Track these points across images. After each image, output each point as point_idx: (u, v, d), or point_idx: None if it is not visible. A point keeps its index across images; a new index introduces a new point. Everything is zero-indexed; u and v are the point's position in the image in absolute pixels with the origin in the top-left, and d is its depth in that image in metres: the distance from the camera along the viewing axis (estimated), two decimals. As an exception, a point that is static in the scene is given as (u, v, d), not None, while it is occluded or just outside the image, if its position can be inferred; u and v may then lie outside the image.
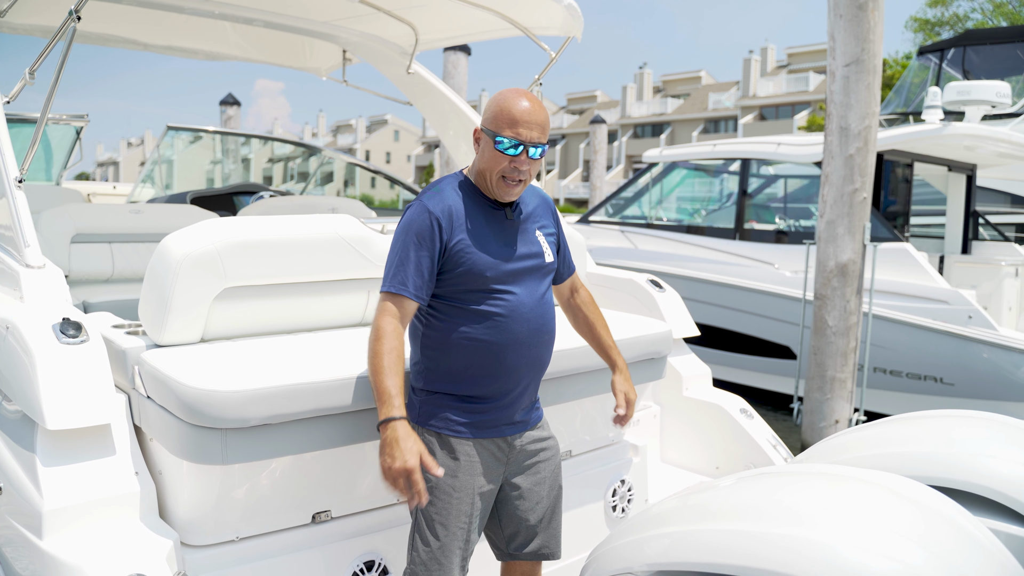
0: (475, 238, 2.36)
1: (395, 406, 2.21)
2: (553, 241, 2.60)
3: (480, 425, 2.43)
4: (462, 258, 2.34)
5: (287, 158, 21.89)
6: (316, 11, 4.88)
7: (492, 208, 2.45)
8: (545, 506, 2.60)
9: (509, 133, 2.33)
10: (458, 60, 14.20)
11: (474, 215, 2.39)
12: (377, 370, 2.24)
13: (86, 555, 2.26)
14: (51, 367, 2.41)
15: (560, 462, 2.69)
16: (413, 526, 2.46)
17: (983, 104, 9.04)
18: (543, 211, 2.62)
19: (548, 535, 2.62)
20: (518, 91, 2.40)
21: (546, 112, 2.40)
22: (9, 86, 3.45)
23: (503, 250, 2.40)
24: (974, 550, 1.81)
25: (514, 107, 2.34)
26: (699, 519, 1.98)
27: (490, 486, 2.47)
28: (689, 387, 4.31)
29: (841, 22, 6.61)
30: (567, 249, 2.74)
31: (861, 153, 6.68)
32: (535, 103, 2.37)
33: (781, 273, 8.77)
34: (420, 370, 2.47)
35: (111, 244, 4.53)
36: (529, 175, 2.40)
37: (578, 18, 4.18)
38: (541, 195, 2.67)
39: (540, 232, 2.54)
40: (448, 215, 2.35)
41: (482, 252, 2.36)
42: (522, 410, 2.51)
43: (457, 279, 2.36)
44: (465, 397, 2.41)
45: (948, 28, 31.69)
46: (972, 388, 7.56)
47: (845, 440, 2.66)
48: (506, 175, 2.37)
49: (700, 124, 58.85)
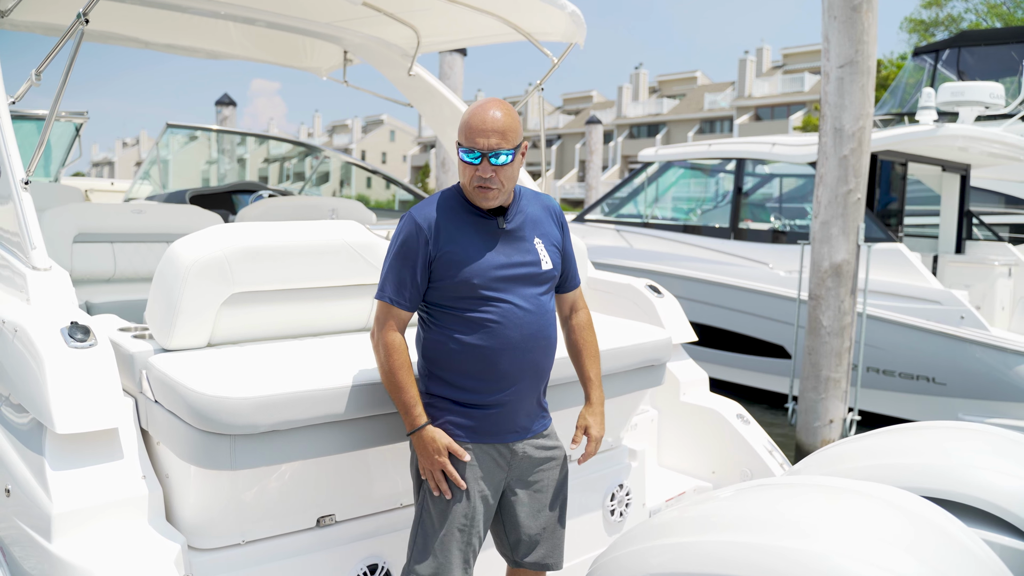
0: (462, 247, 2.41)
1: (418, 415, 2.41)
2: (556, 251, 2.59)
3: (480, 431, 2.46)
4: (449, 267, 2.39)
5: (283, 158, 21.87)
6: (319, 12, 4.89)
7: (482, 218, 2.47)
8: (547, 516, 2.62)
9: (467, 144, 2.38)
10: (454, 61, 14.24)
11: (463, 225, 2.44)
12: (396, 386, 2.41)
13: (95, 558, 2.28)
14: (60, 371, 2.42)
15: (567, 472, 2.69)
16: (414, 528, 2.50)
17: (977, 105, 9.08)
18: (546, 220, 2.61)
19: (551, 545, 2.63)
20: (482, 102, 2.42)
21: (510, 118, 2.38)
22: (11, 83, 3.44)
23: (492, 258, 2.43)
24: (969, 562, 1.84)
25: (472, 118, 2.38)
26: (701, 530, 2.01)
27: (491, 491, 2.50)
28: (686, 392, 4.33)
29: (835, 23, 6.63)
30: (573, 263, 2.71)
31: (855, 154, 6.71)
32: (495, 111, 2.38)
33: (775, 273, 8.82)
34: (422, 374, 2.52)
35: (113, 244, 4.53)
36: (499, 182, 2.39)
37: (581, 25, 4.19)
38: (547, 204, 2.66)
39: (540, 240, 2.54)
40: (435, 226, 2.41)
41: (469, 261, 2.40)
42: (525, 417, 2.52)
43: (448, 287, 2.41)
44: (464, 402, 2.46)
45: (943, 29, 31.77)
46: (964, 388, 7.61)
47: (841, 451, 2.69)
48: (476, 184, 2.40)
49: (696, 124, 58.90)
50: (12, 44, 6.03)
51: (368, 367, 2.58)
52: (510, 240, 2.48)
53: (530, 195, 2.62)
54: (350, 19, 4.97)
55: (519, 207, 2.55)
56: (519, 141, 2.43)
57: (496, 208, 2.48)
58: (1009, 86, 11.84)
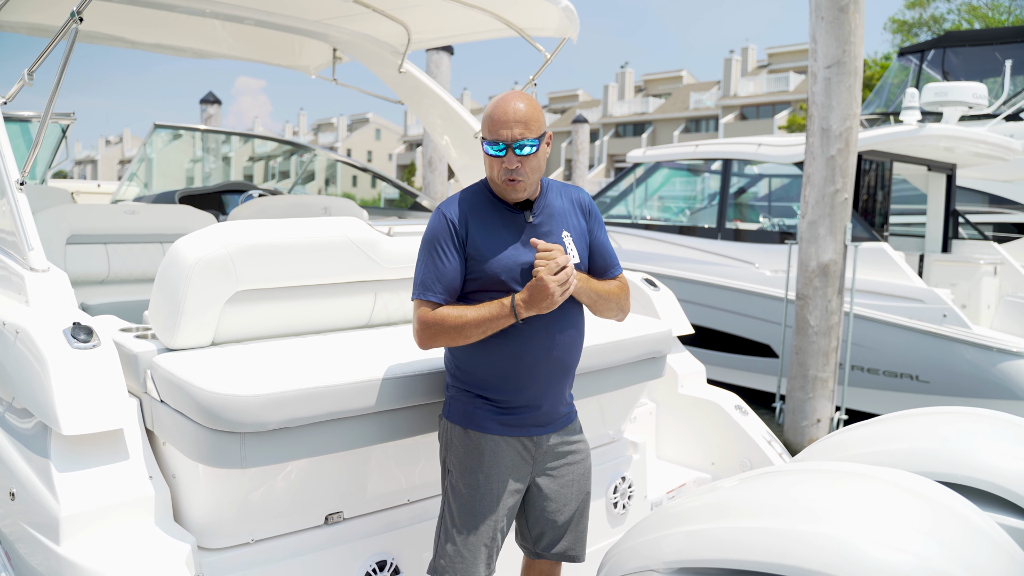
0: (489, 240, 2.42)
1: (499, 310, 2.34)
2: (585, 243, 2.57)
3: (505, 423, 2.48)
4: (476, 261, 2.41)
5: (269, 156, 21.79)
6: (308, 10, 4.86)
7: (509, 211, 2.48)
8: (572, 509, 2.64)
9: (491, 137, 2.40)
10: (440, 59, 14.23)
11: (490, 218, 2.46)
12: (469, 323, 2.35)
13: (106, 560, 2.27)
14: (64, 372, 2.42)
15: (590, 466, 2.71)
16: (440, 520, 2.53)
17: (960, 105, 9.15)
18: (574, 212, 2.59)
19: (574, 538, 2.67)
20: (504, 95, 2.44)
21: (533, 108, 2.39)
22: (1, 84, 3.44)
23: (519, 253, 2.44)
24: (985, 544, 1.87)
25: (494, 110, 2.40)
26: (717, 517, 2.02)
27: (516, 484, 2.52)
28: (684, 384, 4.35)
29: (823, 24, 6.68)
30: (609, 251, 2.65)
31: (842, 154, 6.76)
32: (517, 102, 2.39)
33: (761, 272, 8.88)
34: (451, 368, 2.55)
35: (106, 245, 4.50)
36: (525, 172, 2.40)
37: (574, 20, 4.18)
38: (575, 196, 2.64)
39: (568, 233, 2.53)
40: (463, 219, 2.43)
41: (496, 254, 2.41)
42: (549, 411, 2.54)
43: (473, 281, 2.43)
44: (488, 396, 2.48)
45: (926, 29, 32.01)
46: (947, 385, 7.69)
47: (844, 438, 2.71)
48: (503, 176, 2.41)
49: (681, 123, 59.06)
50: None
51: (375, 362, 2.59)
52: (538, 234, 2.48)
53: (558, 187, 2.62)
54: (340, 16, 4.94)
55: (546, 200, 2.55)
56: (543, 131, 2.44)
57: (524, 202, 2.49)
58: (992, 86, 11.94)
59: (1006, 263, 8.90)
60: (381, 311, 3.20)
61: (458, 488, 2.49)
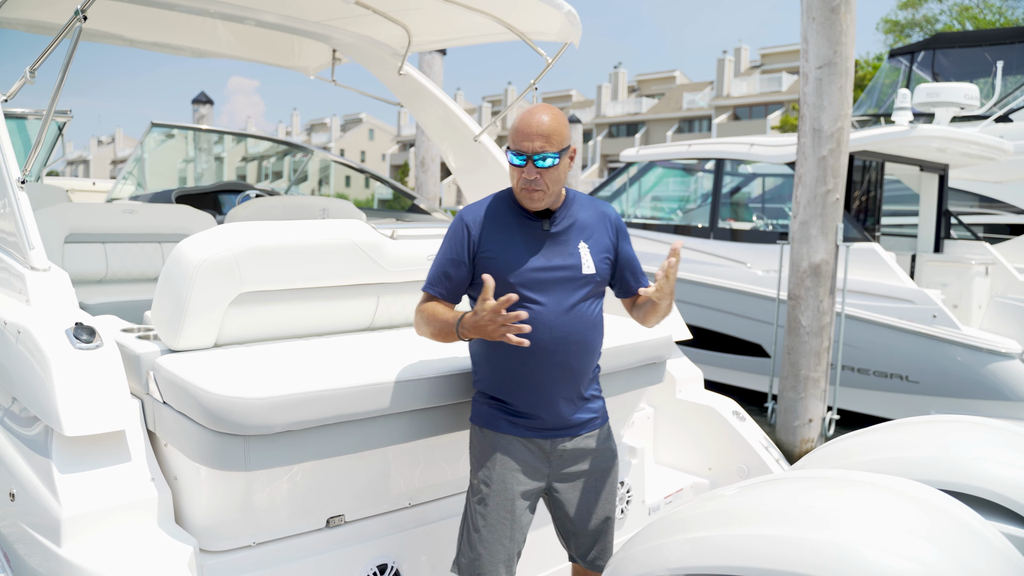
0: (504, 246, 2.50)
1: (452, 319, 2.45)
2: (606, 257, 2.61)
3: (516, 424, 2.54)
4: (489, 265, 2.48)
5: (262, 156, 21.72)
6: (310, 11, 4.85)
7: (528, 219, 2.55)
8: (595, 515, 2.67)
9: (514, 147, 2.47)
10: (433, 61, 14.23)
11: (508, 225, 2.53)
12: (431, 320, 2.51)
13: (108, 562, 2.27)
14: (67, 373, 2.40)
15: (617, 475, 2.72)
16: (462, 519, 2.61)
17: (952, 106, 9.18)
18: (599, 226, 2.63)
19: (601, 547, 2.71)
20: (532, 107, 2.51)
21: (557, 123, 2.44)
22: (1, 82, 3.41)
23: (532, 259, 2.50)
24: (988, 552, 1.87)
25: (519, 122, 2.47)
26: (721, 524, 2.02)
27: (533, 484, 2.57)
28: (682, 389, 4.35)
29: (814, 25, 6.71)
30: (636, 263, 2.70)
31: (834, 155, 6.79)
32: (542, 115, 2.45)
33: (753, 272, 8.91)
34: (473, 371, 2.65)
35: (105, 244, 4.47)
36: (545, 184, 2.46)
37: (576, 25, 4.18)
38: (603, 211, 2.68)
39: (586, 244, 2.57)
40: (481, 225, 2.52)
41: (508, 260, 2.48)
42: (560, 414, 2.56)
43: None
44: (499, 398, 2.55)
45: (918, 30, 32.10)
46: (936, 386, 7.72)
47: (844, 446, 2.72)
48: (522, 186, 2.48)
49: (674, 124, 59.13)
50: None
51: (379, 366, 2.60)
52: (554, 243, 2.54)
53: (585, 201, 2.66)
54: (341, 18, 4.94)
55: (568, 211, 2.60)
56: (565, 144, 2.48)
57: (544, 211, 2.55)
58: (983, 87, 12.00)
59: (998, 264, 8.95)
60: (383, 314, 3.21)
61: (476, 486, 2.57)
